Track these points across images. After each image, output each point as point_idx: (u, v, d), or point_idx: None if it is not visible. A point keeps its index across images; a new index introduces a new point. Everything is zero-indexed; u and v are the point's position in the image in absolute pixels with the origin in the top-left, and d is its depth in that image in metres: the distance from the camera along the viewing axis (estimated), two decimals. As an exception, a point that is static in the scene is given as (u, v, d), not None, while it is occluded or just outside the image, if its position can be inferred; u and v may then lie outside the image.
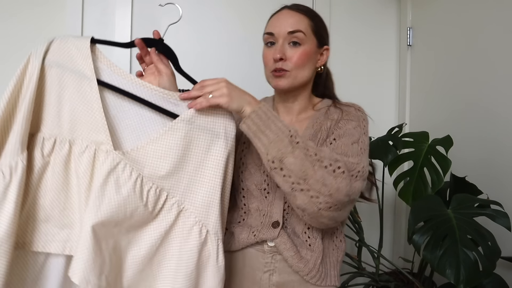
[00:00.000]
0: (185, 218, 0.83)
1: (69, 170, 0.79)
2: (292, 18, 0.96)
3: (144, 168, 0.80)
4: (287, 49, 0.95)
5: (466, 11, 1.70)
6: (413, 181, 1.42)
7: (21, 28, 1.80)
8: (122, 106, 0.83)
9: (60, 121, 0.80)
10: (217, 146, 0.85)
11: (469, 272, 1.08)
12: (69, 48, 0.81)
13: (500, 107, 1.52)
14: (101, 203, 0.75)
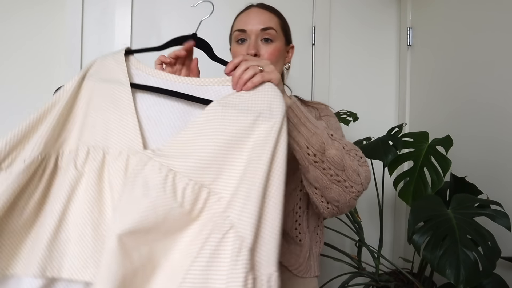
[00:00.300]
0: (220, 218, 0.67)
1: (102, 182, 0.71)
2: (264, 16, 0.97)
3: (178, 163, 0.68)
4: (260, 46, 0.95)
5: (466, 11, 1.70)
6: (413, 181, 1.42)
7: (21, 28, 1.80)
8: (159, 106, 0.78)
9: (95, 130, 0.74)
10: (259, 129, 0.68)
11: (469, 272, 1.08)
12: (108, 61, 0.81)
13: (500, 107, 1.52)
14: (129, 209, 0.64)
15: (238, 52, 0.97)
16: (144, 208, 0.64)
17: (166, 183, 0.66)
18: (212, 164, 0.68)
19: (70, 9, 1.77)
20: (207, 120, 0.70)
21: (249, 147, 0.68)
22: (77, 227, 0.67)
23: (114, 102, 0.76)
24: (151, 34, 1.87)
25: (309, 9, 2.05)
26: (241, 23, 0.98)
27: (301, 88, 2.04)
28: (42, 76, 1.82)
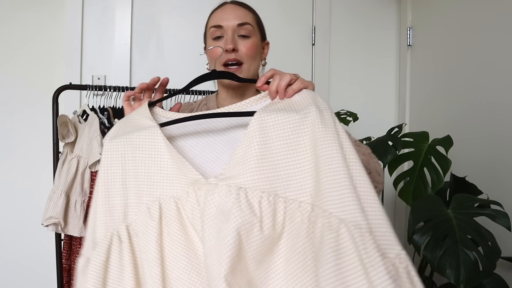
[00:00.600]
0: (323, 219, 0.61)
1: (186, 229, 0.66)
2: (239, 11, 0.97)
3: (244, 179, 0.64)
4: (238, 41, 0.95)
5: (466, 11, 1.70)
6: (413, 181, 1.42)
7: (21, 28, 1.80)
8: (190, 144, 0.76)
9: (153, 182, 0.70)
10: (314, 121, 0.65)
11: (469, 272, 1.08)
12: (133, 117, 0.79)
13: (500, 107, 1.52)
14: (218, 245, 0.60)
15: (215, 49, 0.94)
16: (230, 235, 0.60)
17: (239, 202, 0.62)
18: (277, 170, 0.65)
19: (70, 9, 1.77)
20: (258, 128, 0.67)
21: (308, 144, 0.65)
22: (180, 280, 0.64)
23: (154, 155, 0.71)
24: (151, 34, 1.87)
25: (309, 9, 2.05)
26: (216, 19, 0.97)
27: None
28: (43, 77, 1.82)
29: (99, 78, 1.80)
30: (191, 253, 0.65)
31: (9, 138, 1.80)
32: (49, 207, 1.35)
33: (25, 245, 1.80)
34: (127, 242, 0.68)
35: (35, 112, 1.80)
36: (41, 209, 1.40)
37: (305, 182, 0.63)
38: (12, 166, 1.80)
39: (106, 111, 1.52)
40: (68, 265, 1.46)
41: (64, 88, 1.48)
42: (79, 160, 1.39)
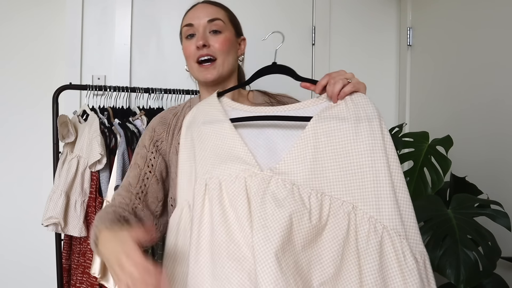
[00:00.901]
0: (358, 218, 0.72)
1: (225, 207, 0.76)
2: (210, 9, 0.98)
3: (296, 177, 0.75)
4: (209, 37, 0.96)
5: (466, 11, 1.70)
6: (413, 181, 1.41)
7: (22, 29, 1.80)
8: (253, 134, 0.85)
9: (213, 165, 0.81)
10: (366, 128, 0.75)
11: (469, 272, 1.08)
12: (204, 108, 0.91)
13: (500, 107, 1.52)
14: (270, 225, 0.69)
15: (187, 47, 0.98)
16: (284, 218, 0.69)
17: (293, 194, 0.73)
18: (325, 172, 0.75)
19: (70, 9, 1.77)
20: (312, 134, 0.77)
21: (356, 150, 0.75)
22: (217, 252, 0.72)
23: (221, 138, 0.83)
24: (151, 34, 1.87)
25: (309, 9, 2.05)
26: (188, 19, 0.99)
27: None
28: (43, 77, 1.82)
29: (99, 78, 1.80)
30: (227, 228, 0.74)
31: (9, 138, 1.80)
32: (49, 207, 1.35)
33: (25, 245, 1.80)
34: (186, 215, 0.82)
35: (35, 112, 1.80)
36: (41, 209, 1.40)
37: (349, 185, 0.74)
38: (12, 166, 1.80)
39: (106, 111, 1.52)
40: (68, 265, 1.46)
41: (64, 88, 1.48)
42: (79, 160, 1.39)
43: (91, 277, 1.33)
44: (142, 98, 1.67)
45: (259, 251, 0.67)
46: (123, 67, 1.82)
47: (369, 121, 0.76)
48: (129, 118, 1.51)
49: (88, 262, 1.35)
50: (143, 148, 0.99)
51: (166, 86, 1.60)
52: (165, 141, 1.00)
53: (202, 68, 0.96)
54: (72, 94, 1.72)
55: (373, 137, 0.75)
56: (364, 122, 0.76)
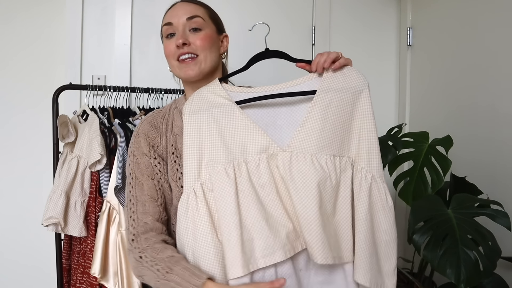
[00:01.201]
0: (355, 169, 0.90)
1: (254, 186, 0.86)
2: (188, 7, 0.98)
3: (311, 147, 0.87)
4: (189, 35, 0.95)
5: (466, 11, 1.70)
6: (413, 181, 1.42)
7: (22, 29, 1.80)
8: (259, 114, 0.93)
9: (229, 148, 0.88)
10: (360, 98, 0.92)
11: (470, 271, 1.08)
12: (205, 94, 0.95)
13: (500, 106, 1.52)
14: (304, 194, 0.83)
15: (167, 46, 0.97)
16: (314, 188, 0.83)
17: (314, 164, 0.86)
18: (336, 137, 0.89)
19: (70, 9, 1.77)
20: (320, 106, 0.89)
21: (354, 116, 0.92)
22: (253, 226, 0.83)
23: (232, 122, 0.90)
24: (151, 34, 1.87)
25: (309, 9, 2.05)
26: (167, 17, 0.99)
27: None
28: (43, 77, 1.82)
29: (99, 78, 1.80)
30: (259, 205, 0.85)
31: (9, 138, 1.80)
32: (49, 207, 1.34)
33: (25, 245, 1.80)
34: (202, 196, 0.87)
35: (35, 112, 1.80)
36: (41, 209, 1.40)
37: (350, 145, 0.91)
38: (12, 166, 1.80)
39: (106, 111, 1.52)
40: (68, 265, 1.46)
41: (64, 88, 1.48)
42: (79, 160, 1.39)
43: (91, 277, 1.33)
44: (142, 98, 1.67)
45: (304, 218, 0.82)
46: (123, 67, 1.82)
47: (361, 91, 0.92)
48: (129, 118, 1.51)
49: (88, 262, 1.35)
50: (144, 156, 0.95)
51: (166, 86, 1.60)
52: (161, 146, 0.97)
53: (183, 64, 0.96)
54: (72, 94, 1.72)
55: (365, 104, 0.92)
56: (358, 92, 0.92)
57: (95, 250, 1.28)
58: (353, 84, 0.93)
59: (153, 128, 0.99)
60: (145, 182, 0.93)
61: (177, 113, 1.02)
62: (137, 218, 0.90)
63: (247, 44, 1.87)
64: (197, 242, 0.85)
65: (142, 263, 0.85)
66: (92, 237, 1.36)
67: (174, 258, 0.83)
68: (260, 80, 1.15)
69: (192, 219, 0.86)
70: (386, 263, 0.89)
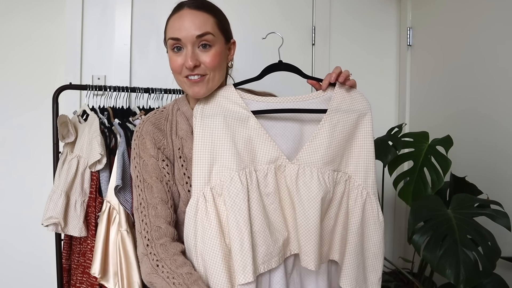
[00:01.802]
0: (351, 185, 0.96)
1: (261, 194, 0.91)
2: (197, 19, 0.89)
3: (317, 161, 0.93)
4: (199, 54, 0.90)
5: (466, 11, 1.70)
6: (413, 181, 1.41)
7: (22, 29, 1.80)
8: (271, 125, 0.96)
9: (241, 156, 0.91)
10: (363, 120, 0.98)
11: (469, 272, 1.08)
12: (221, 101, 0.96)
13: (500, 107, 1.52)
14: (308, 206, 0.89)
15: (174, 61, 0.91)
16: (318, 201, 0.89)
17: (318, 179, 0.91)
18: (339, 154, 0.95)
19: (70, 9, 1.77)
20: (328, 126, 0.95)
21: (356, 136, 0.98)
22: (259, 233, 0.88)
23: (247, 130, 0.93)
24: (151, 34, 1.87)
25: (309, 9, 2.05)
26: (174, 30, 0.90)
27: (301, 88, 2.04)
28: (43, 77, 1.82)
29: (99, 78, 1.80)
30: (265, 213, 0.90)
31: (9, 138, 1.80)
32: (49, 207, 1.35)
33: (25, 245, 1.80)
34: (211, 200, 0.89)
35: (35, 112, 1.80)
36: (41, 209, 1.40)
37: (350, 161, 0.98)
38: (12, 166, 1.80)
39: (106, 111, 1.52)
40: (68, 265, 1.46)
41: (64, 88, 1.48)
42: (79, 160, 1.39)
43: (91, 277, 1.33)
44: (142, 98, 1.67)
45: (307, 224, 0.88)
46: (123, 67, 1.82)
47: (365, 114, 0.98)
48: (129, 118, 1.51)
49: (88, 262, 1.35)
50: (151, 158, 0.93)
51: (166, 86, 1.60)
52: (167, 148, 0.96)
53: (191, 82, 0.91)
54: (72, 94, 1.73)
55: (367, 126, 0.98)
56: (362, 114, 0.98)
57: (95, 250, 1.28)
58: (358, 107, 0.98)
59: (158, 130, 0.97)
60: (154, 185, 0.92)
61: (181, 116, 1.00)
62: (149, 222, 0.89)
63: (247, 44, 1.87)
64: (205, 246, 0.86)
65: (158, 272, 0.84)
66: (92, 237, 1.36)
67: (192, 277, 0.82)
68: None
69: (201, 222, 0.88)
70: (372, 273, 0.96)
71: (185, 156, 0.96)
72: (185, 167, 0.95)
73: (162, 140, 0.96)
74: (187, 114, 1.00)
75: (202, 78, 0.91)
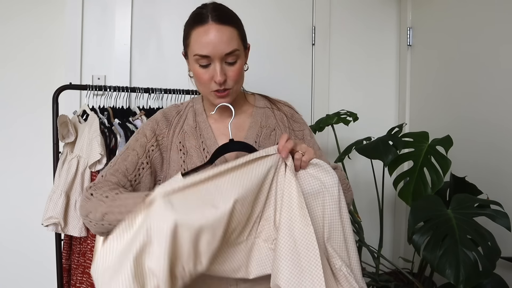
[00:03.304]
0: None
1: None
2: (224, 36, 0.90)
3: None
4: (225, 69, 0.92)
5: (466, 11, 1.70)
6: (413, 181, 1.41)
7: (22, 30, 1.80)
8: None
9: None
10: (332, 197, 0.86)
11: (469, 272, 1.08)
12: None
13: (500, 107, 1.52)
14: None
15: (201, 76, 0.93)
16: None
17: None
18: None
19: (70, 9, 1.77)
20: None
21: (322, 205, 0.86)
22: None
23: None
24: (151, 34, 1.87)
25: (309, 9, 2.05)
26: (201, 47, 0.90)
27: (301, 88, 2.04)
28: (43, 77, 1.81)
29: (99, 78, 1.80)
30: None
31: (9, 138, 1.80)
32: (49, 207, 1.35)
33: (25, 245, 1.80)
34: None
35: (35, 112, 1.80)
36: (41, 209, 1.40)
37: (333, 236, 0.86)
38: (12, 166, 1.80)
39: (106, 111, 1.52)
40: (68, 265, 1.46)
41: (64, 88, 1.48)
42: (79, 160, 1.39)
43: (91, 277, 1.33)
44: (142, 98, 1.67)
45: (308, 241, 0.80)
46: (123, 67, 1.82)
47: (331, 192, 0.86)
48: (129, 118, 1.51)
49: (88, 262, 1.35)
50: (144, 136, 0.98)
51: (166, 86, 1.60)
52: (166, 138, 1.00)
53: (217, 95, 0.95)
54: (72, 94, 1.72)
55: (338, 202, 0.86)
56: (329, 192, 0.86)
57: (95, 250, 1.28)
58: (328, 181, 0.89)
59: (165, 120, 1.02)
60: (131, 156, 0.95)
61: (191, 112, 1.05)
62: (105, 175, 0.92)
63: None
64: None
65: (91, 199, 0.85)
66: (92, 237, 1.36)
67: (126, 192, 0.86)
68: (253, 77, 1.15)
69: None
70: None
71: (186, 150, 1.00)
72: (183, 159, 0.99)
73: (164, 130, 1.01)
74: (198, 111, 1.04)
75: (228, 92, 0.95)
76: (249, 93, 1.10)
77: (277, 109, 1.07)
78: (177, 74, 1.79)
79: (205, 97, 1.02)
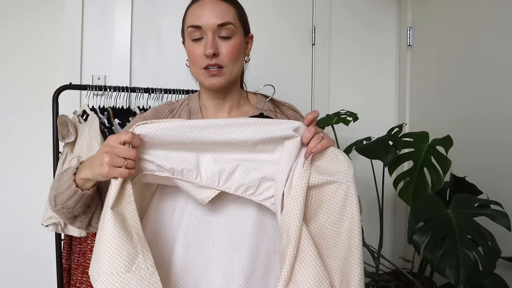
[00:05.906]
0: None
1: None
2: (219, 8, 0.88)
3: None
4: (218, 43, 0.88)
5: (466, 11, 1.70)
6: (413, 181, 1.41)
7: (22, 30, 1.81)
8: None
9: None
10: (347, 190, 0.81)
11: (469, 272, 1.08)
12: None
13: (500, 106, 1.52)
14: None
15: (193, 51, 0.90)
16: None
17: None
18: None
19: (70, 9, 1.77)
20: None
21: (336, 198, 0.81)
22: None
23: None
24: (151, 34, 1.87)
25: (309, 9, 2.05)
26: (194, 18, 0.89)
27: (301, 88, 2.04)
28: (43, 77, 1.82)
29: (99, 78, 1.80)
30: None
31: (9, 138, 1.80)
32: (49, 207, 1.34)
33: (25, 245, 1.80)
34: None
35: (35, 112, 1.80)
36: (41, 209, 1.40)
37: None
38: (12, 166, 1.80)
39: (106, 111, 1.52)
40: (68, 265, 1.46)
41: (64, 88, 1.48)
42: (79, 160, 1.38)
43: (91, 277, 1.33)
44: (142, 98, 1.68)
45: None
46: (123, 67, 1.82)
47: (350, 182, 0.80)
48: (129, 118, 1.51)
49: (88, 262, 1.35)
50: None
51: (166, 86, 1.60)
52: None
53: (209, 73, 0.89)
54: (72, 94, 1.73)
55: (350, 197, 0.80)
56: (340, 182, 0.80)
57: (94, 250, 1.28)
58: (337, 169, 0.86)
59: (155, 118, 0.98)
60: None
61: (185, 110, 1.00)
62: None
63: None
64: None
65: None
66: (92, 237, 1.36)
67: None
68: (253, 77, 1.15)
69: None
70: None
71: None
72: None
73: None
74: (193, 109, 1.00)
75: (220, 71, 0.89)
76: (252, 93, 1.05)
77: (281, 112, 1.02)
78: (177, 74, 1.79)
79: (198, 80, 0.96)
